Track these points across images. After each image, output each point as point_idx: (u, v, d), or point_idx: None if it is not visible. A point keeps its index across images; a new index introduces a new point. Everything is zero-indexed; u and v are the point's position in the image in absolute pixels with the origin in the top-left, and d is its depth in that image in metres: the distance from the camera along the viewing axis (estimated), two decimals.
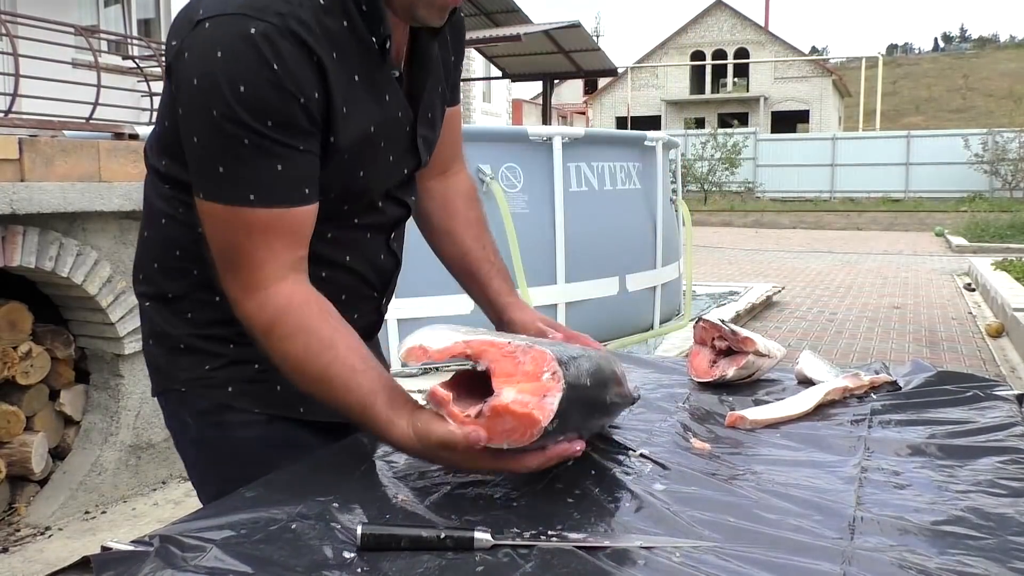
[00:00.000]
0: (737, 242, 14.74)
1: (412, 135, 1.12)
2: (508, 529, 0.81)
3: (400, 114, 1.08)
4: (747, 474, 0.99)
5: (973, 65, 60.73)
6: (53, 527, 2.84)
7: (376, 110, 1.04)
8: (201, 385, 1.12)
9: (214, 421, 1.12)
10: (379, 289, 1.21)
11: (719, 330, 1.40)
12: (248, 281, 0.96)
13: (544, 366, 0.85)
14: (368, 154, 1.05)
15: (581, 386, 0.89)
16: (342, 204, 1.08)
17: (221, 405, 1.12)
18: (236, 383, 1.11)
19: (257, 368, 1.09)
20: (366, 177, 1.07)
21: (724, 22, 35.62)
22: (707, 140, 24.01)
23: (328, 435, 1.12)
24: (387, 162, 1.09)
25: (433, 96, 1.15)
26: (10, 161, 2.62)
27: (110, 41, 10.12)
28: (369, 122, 1.03)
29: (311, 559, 0.75)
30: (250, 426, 1.11)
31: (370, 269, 1.17)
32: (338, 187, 1.04)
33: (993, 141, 22.30)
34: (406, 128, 1.10)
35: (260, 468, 1.03)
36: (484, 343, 0.86)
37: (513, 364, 0.85)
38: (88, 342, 3.08)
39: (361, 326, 1.15)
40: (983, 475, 0.97)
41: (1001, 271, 8.28)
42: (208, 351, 1.11)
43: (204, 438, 1.15)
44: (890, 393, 1.36)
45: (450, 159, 1.32)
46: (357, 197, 1.10)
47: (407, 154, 1.13)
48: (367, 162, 1.06)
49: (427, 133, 1.16)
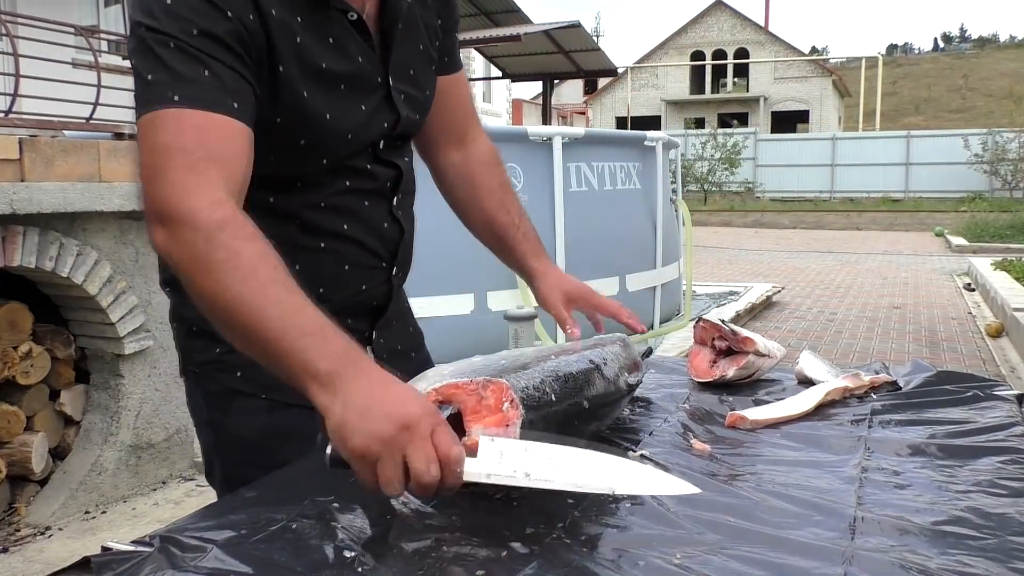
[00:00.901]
0: (737, 242, 14.74)
1: (386, 87, 1.11)
2: (508, 529, 0.81)
3: (362, 59, 1.08)
4: (747, 474, 0.99)
5: (973, 65, 60.73)
6: (53, 527, 2.84)
7: (329, 50, 1.03)
8: (213, 368, 1.13)
9: (223, 405, 1.13)
10: (386, 259, 1.20)
11: (719, 330, 1.40)
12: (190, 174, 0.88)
13: (503, 397, 0.89)
14: (330, 95, 1.04)
15: (547, 404, 0.93)
16: (320, 158, 1.07)
17: (230, 390, 1.12)
18: (245, 368, 1.10)
19: None
20: (334, 121, 1.05)
21: (724, 22, 35.62)
22: (707, 140, 24.02)
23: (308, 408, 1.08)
24: (359, 111, 1.08)
25: (409, 53, 1.15)
26: (10, 161, 2.62)
27: (110, 41, 10.11)
28: (320, 59, 1.02)
29: (311, 559, 0.75)
30: (256, 412, 1.11)
31: (373, 238, 1.16)
32: (307, 132, 1.03)
33: (993, 141, 22.31)
34: (376, 79, 1.10)
35: (264, 455, 1.05)
36: (450, 387, 0.90)
37: (477, 401, 0.89)
38: (88, 342, 3.08)
39: (372, 296, 1.19)
40: (983, 475, 0.97)
41: (1001, 271, 8.29)
42: (218, 334, 1.02)
43: (213, 421, 1.15)
44: (890, 393, 1.36)
45: (464, 127, 1.33)
46: (336, 149, 1.08)
47: (383, 107, 1.11)
48: (331, 104, 1.04)
49: (408, 89, 1.15)
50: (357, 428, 0.77)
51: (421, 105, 1.19)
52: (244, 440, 1.12)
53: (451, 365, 1.03)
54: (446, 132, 1.31)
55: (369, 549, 0.77)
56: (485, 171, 1.33)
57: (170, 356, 3.23)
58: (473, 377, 0.92)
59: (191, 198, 0.87)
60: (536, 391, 0.92)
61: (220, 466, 1.16)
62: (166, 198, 0.88)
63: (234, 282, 0.84)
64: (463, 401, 0.90)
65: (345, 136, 1.07)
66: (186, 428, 3.34)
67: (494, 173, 1.34)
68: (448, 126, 1.30)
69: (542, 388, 0.94)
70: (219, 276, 0.85)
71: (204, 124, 0.90)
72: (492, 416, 0.88)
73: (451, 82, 1.27)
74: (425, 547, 0.77)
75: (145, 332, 3.09)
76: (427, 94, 1.20)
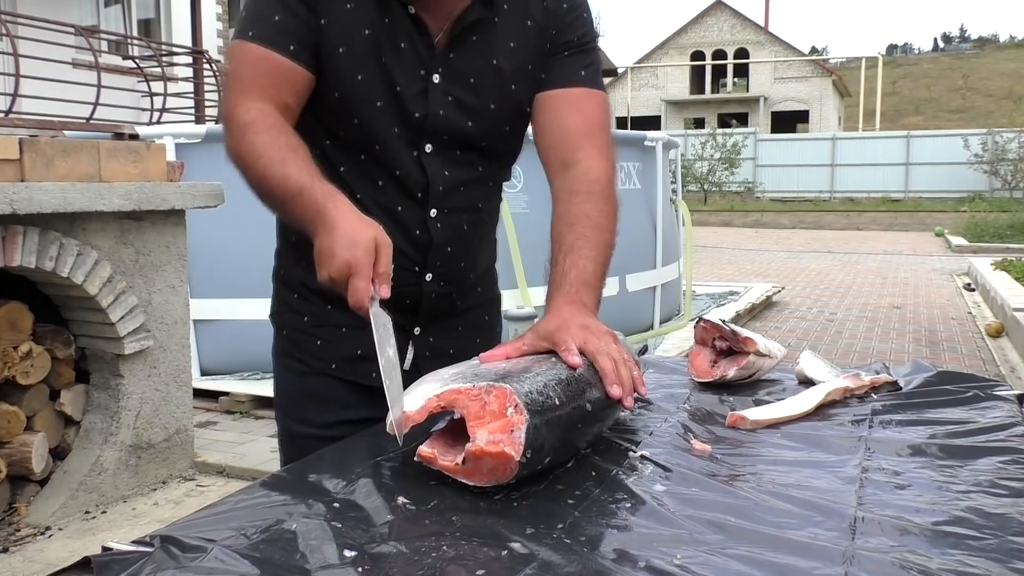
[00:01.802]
0: (737, 242, 14.74)
1: (427, 81, 1.18)
2: (508, 529, 0.81)
3: (404, 46, 1.17)
4: (747, 475, 0.99)
5: (973, 65, 60.72)
6: (53, 527, 2.84)
7: (379, 24, 1.16)
8: (274, 323, 1.36)
9: (276, 361, 1.36)
10: (418, 263, 1.24)
11: (720, 330, 1.40)
12: (241, 94, 1.13)
13: (507, 402, 0.89)
14: (366, 62, 1.16)
15: (551, 408, 0.92)
16: (352, 116, 1.18)
17: (279, 349, 1.35)
18: (290, 329, 1.32)
19: (307, 320, 1.29)
20: (364, 84, 1.17)
21: (724, 22, 35.61)
22: (707, 140, 24.01)
23: (358, 392, 1.27)
24: (393, 89, 1.17)
25: (475, 64, 1.20)
26: (10, 161, 2.62)
27: (110, 41, 10.12)
28: (363, 25, 1.16)
29: (311, 559, 0.75)
30: (292, 373, 1.32)
31: (404, 240, 1.21)
32: (340, 86, 1.17)
33: (993, 141, 22.31)
34: (419, 71, 1.18)
35: (298, 411, 1.32)
36: (452, 392, 0.91)
37: (481, 406, 0.89)
38: (88, 342, 3.08)
39: (404, 293, 1.23)
40: (984, 475, 0.97)
41: (1001, 271, 8.29)
42: (281, 293, 1.34)
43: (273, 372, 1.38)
44: (890, 393, 1.36)
45: (568, 150, 1.24)
46: (366, 114, 1.17)
47: (418, 98, 1.19)
48: (364, 68, 1.17)
49: (460, 94, 1.20)
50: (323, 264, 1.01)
51: (475, 113, 1.21)
52: (283, 395, 1.36)
53: (451, 369, 1.03)
54: (549, 154, 1.25)
55: (369, 549, 0.77)
56: (565, 198, 1.22)
57: (170, 356, 3.23)
58: (475, 382, 0.92)
59: (235, 109, 1.13)
60: (540, 395, 0.92)
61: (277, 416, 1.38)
62: (223, 110, 1.15)
63: (254, 163, 1.09)
64: (466, 407, 0.90)
65: (375, 103, 1.18)
66: (186, 428, 3.34)
67: (573, 202, 1.21)
68: (548, 147, 1.25)
69: (545, 392, 0.93)
70: (249, 161, 1.10)
71: (261, 58, 1.14)
72: (496, 421, 0.88)
73: (553, 100, 1.24)
74: (425, 547, 0.77)
75: (145, 332, 3.09)
76: (491, 107, 1.22)
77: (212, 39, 11.72)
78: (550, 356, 1.04)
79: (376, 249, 1.00)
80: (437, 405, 0.92)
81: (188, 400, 3.36)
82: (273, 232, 1.37)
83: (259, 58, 1.13)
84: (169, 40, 10.72)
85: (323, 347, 1.28)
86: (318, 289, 1.20)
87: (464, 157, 1.24)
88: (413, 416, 0.93)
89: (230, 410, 4.25)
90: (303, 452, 1.11)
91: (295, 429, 1.33)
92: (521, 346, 1.08)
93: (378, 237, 1.01)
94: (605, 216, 1.20)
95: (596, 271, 1.16)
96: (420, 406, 0.93)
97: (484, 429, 0.88)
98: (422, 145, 1.20)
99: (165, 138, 4.20)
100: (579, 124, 1.24)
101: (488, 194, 1.31)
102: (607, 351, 1.04)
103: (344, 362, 1.28)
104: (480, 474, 0.88)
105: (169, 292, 3.21)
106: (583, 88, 1.25)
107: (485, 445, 0.86)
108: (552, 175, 1.25)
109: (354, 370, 1.27)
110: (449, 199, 1.23)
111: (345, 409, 1.28)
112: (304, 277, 1.26)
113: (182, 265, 3.27)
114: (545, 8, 1.23)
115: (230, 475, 3.37)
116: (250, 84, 1.13)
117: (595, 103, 1.26)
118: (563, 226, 1.19)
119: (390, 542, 0.79)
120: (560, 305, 1.11)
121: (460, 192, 1.24)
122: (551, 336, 1.06)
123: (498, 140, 1.27)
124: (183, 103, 9.87)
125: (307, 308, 1.28)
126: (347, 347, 1.27)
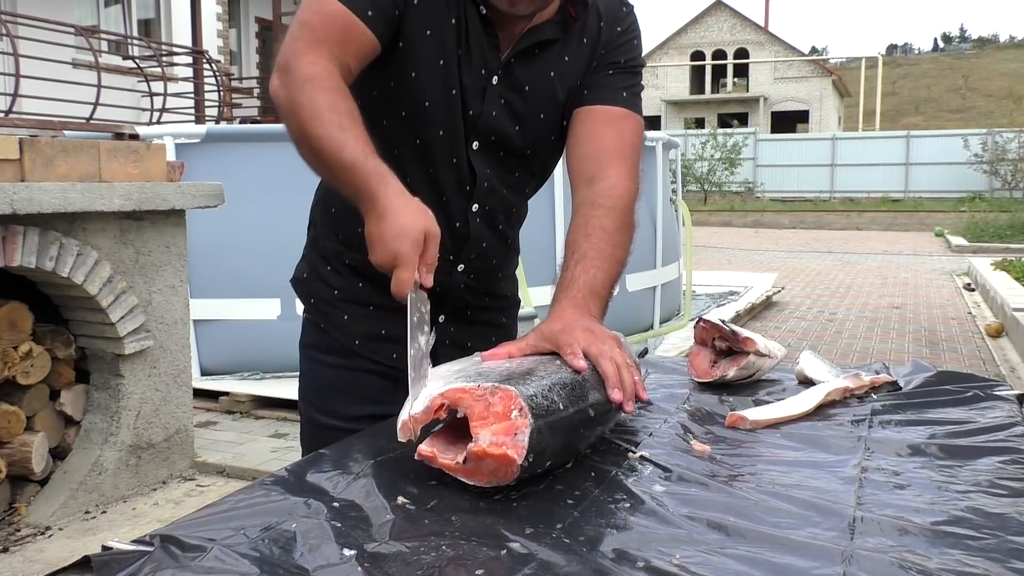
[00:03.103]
0: (737, 242, 14.74)
1: (486, 82, 1.22)
2: (508, 529, 0.81)
3: (475, 44, 1.20)
4: (747, 475, 0.99)
5: (973, 65, 60.69)
6: (53, 527, 2.84)
7: (445, 24, 1.18)
8: (298, 289, 1.38)
9: (304, 353, 1.39)
10: (453, 252, 1.28)
11: (719, 330, 1.40)
12: (309, 43, 1.11)
13: (511, 404, 0.88)
14: (444, 49, 1.19)
15: (554, 411, 0.91)
16: (401, 109, 1.20)
17: (305, 317, 1.38)
18: (318, 299, 1.35)
19: (336, 293, 1.32)
20: (418, 80, 1.19)
21: (724, 22, 35.61)
22: (707, 140, 24.00)
23: (385, 388, 1.29)
24: (459, 81, 1.20)
25: (534, 73, 1.24)
26: (10, 161, 2.62)
27: (110, 41, 10.12)
28: (447, 16, 1.18)
29: (311, 559, 0.75)
30: (321, 365, 1.35)
31: (445, 230, 1.18)
32: (416, 68, 1.19)
33: (993, 141, 22.31)
34: (480, 70, 1.21)
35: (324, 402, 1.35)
36: (457, 391, 0.91)
37: (485, 407, 0.89)
38: (88, 342, 3.08)
39: None
40: (983, 475, 0.97)
41: (1001, 271, 8.29)
42: (313, 261, 1.37)
43: (300, 363, 1.40)
44: (890, 393, 1.36)
45: (595, 166, 1.25)
46: (413, 109, 1.20)
47: (473, 96, 1.22)
48: (422, 63, 1.19)
49: (514, 100, 1.24)
50: (372, 249, 1.03)
51: (523, 120, 1.25)
52: (314, 384, 1.38)
53: (453, 366, 1.03)
54: (578, 163, 1.27)
55: (369, 549, 0.77)
56: (587, 210, 1.23)
57: (170, 356, 3.23)
58: (480, 382, 0.91)
59: (299, 57, 1.10)
60: (544, 399, 0.91)
61: (302, 397, 1.40)
62: (284, 54, 1.12)
63: (309, 120, 1.07)
64: (470, 406, 0.89)
65: (444, 92, 1.20)
66: (186, 428, 3.34)
67: (593, 214, 1.22)
68: (579, 156, 1.27)
69: (550, 396, 0.92)
70: (302, 115, 1.07)
71: (337, 14, 1.13)
72: (500, 423, 0.87)
73: (592, 115, 1.27)
74: (425, 547, 0.77)
75: (145, 332, 3.10)
76: (539, 116, 1.26)
77: (212, 39, 11.72)
78: (554, 358, 1.04)
79: (425, 239, 1.01)
80: (441, 404, 0.91)
81: (188, 400, 3.36)
82: (273, 232, 1.39)
83: (335, 13, 1.13)
84: (169, 40, 10.72)
85: (349, 322, 1.32)
86: (351, 264, 1.30)
87: (507, 161, 1.28)
88: (419, 417, 0.93)
89: (230, 410, 4.25)
90: (327, 443, 1.12)
91: (320, 420, 1.36)
92: (524, 346, 1.08)
93: (428, 228, 1.02)
94: (621, 233, 1.23)
95: (605, 282, 1.18)
96: (425, 406, 0.92)
97: (487, 430, 0.87)
98: (471, 142, 1.24)
99: (165, 138, 4.19)
100: (613, 142, 1.26)
101: (521, 202, 1.36)
102: (610, 355, 1.04)
103: (367, 339, 1.31)
104: (481, 474, 0.88)
105: (169, 292, 3.22)
106: (623, 109, 1.28)
107: (488, 446, 0.86)
108: (577, 185, 1.27)
109: (375, 349, 1.31)
110: (490, 198, 1.28)
111: (372, 404, 1.30)
112: (339, 250, 1.31)
113: (182, 265, 3.27)
114: (601, 28, 1.28)
115: (230, 475, 3.37)
116: (321, 37, 1.12)
117: (631, 125, 1.29)
118: (580, 235, 1.20)
119: (389, 542, 0.79)
120: (565, 308, 1.12)
121: (502, 193, 1.29)
122: (555, 338, 1.07)
123: (541, 149, 1.31)
124: (183, 103, 9.87)
125: (338, 281, 1.32)
126: (372, 325, 1.31)
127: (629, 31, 1.31)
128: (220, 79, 9.70)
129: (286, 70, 1.10)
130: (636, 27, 1.32)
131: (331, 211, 1.33)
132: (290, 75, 1.09)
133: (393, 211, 1.01)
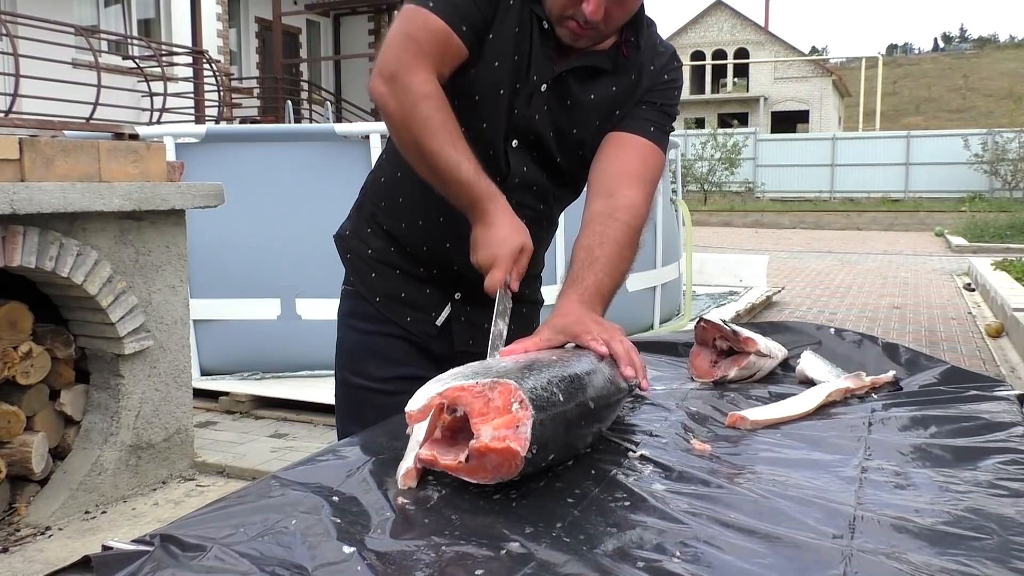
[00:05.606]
0: (737, 242, 14.73)
1: (534, 88, 1.32)
2: (508, 529, 0.81)
3: (531, 55, 1.31)
4: (747, 474, 0.99)
5: (973, 65, 60.67)
6: (53, 527, 2.84)
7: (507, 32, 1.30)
8: (339, 245, 1.53)
9: (341, 320, 1.51)
10: None
11: (720, 330, 1.40)
12: (417, 58, 1.23)
13: (511, 398, 0.88)
14: (485, 57, 1.30)
15: (554, 403, 0.92)
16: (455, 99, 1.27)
17: (344, 288, 1.51)
18: (353, 255, 1.49)
19: (370, 253, 1.46)
20: (476, 76, 1.30)
21: (724, 22, 35.61)
22: (707, 140, 23.99)
23: (412, 353, 1.45)
24: (497, 85, 1.31)
25: (582, 91, 1.34)
26: (10, 161, 2.62)
27: (110, 41, 10.12)
28: (491, 32, 1.29)
29: (311, 558, 0.75)
30: (355, 331, 1.48)
31: None
32: (476, 63, 1.29)
33: (993, 141, 22.30)
34: (533, 77, 1.32)
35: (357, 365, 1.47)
36: (455, 389, 0.91)
37: (484, 403, 0.89)
38: (88, 342, 3.08)
39: (449, 259, 1.42)
40: (984, 475, 0.97)
41: (1001, 271, 8.29)
42: (357, 221, 1.50)
43: (338, 331, 1.53)
44: (891, 393, 1.36)
45: (615, 185, 1.33)
46: (466, 104, 1.29)
47: (522, 100, 1.33)
48: (481, 63, 1.30)
49: (556, 109, 1.34)
50: (475, 251, 1.25)
51: (560, 131, 1.36)
52: (348, 348, 1.51)
53: (450, 371, 1.03)
54: (599, 177, 1.35)
55: (368, 548, 0.77)
56: (602, 219, 1.30)
57: (170, 356, 3.23)
58: (477, 379, 0.91)
59: (412, 72, 1.22)
60: (544, 391, 0.91)
61: (337, 361, 1.52)
62: (391, 64, 1.22)
63: (427, 137, 1.21)
64: (469, 404, 0.89)
65: (498, 89, 1.31)
66: (186, 428, 3.34)
67: (608, 224, 1.29)
68: (601, 171, 1.35)
69: (549, 389, 0.93)
70: (418, 129, 1.21)
71: (437, 29, 1.24)
72: (501, 417, 0.87)
73: (621, 139, 1.36)
74: (425, 547, 0.77)
75: (145, 332, 3.09)
76: (574, 131, 1.36)
77: (212, 39, 11.73)
78: (553, 352, 1.06)
79: (520, 252, 1.23)
80: (440, 403, 0.91)
81: (188, 400, 3.36)
82: (273, 232, 1.42)
83: (436, 29, 1.24)
84: (169, 40, 10.72)
85: (375, 280, 1.46)
86: (388, 230, 1.45)
87: (540, 163, 1.38)
88: (416, 416, 0.92)
89: (230, 410, 4.25)
90: (359, 400, 1.46)
91: (352, 381, 1.49)
92: (539, 341, 1.14)
93: (525, 243, 1.25)
94: (630, 249, 1.31)
95: (611, 288, 1.27)
96: (423, 405, 0.92)
97: (488, 425, 0.87)
98: (511, 139, 1.35)
99: (165, 138, 4.19)
100: (636, 166, 1.35)
101: (548, 206, 1.46)
102: (620, 339, 1.15)
103: (387, 299, 1.46)
104: (484, 471, 0.87)
105: (169, 292, 3.22)
106: (650, 142, 1.37)
107: (490, 441, 0.85)
108: (594, 195, 1.34)
109: (393, 309, 1.46)
110: (521, 194, 1.37)
111: (399, 365, 1.45)
112: (381, 216, 1.46)
113: (182, 265, 3.27)
114: (651, 71, 1.38)
115: (230, 475, 3.37)
116: (427, 52, 1.23)
117: (655, 159, 1.38)
118: (593, 241, 1.28)
119: (389, 541, 0.79)
120: (573, 302, 1.21)
121: (531, 191, 1.40)
122: (569, 329, 1.16)
123: (572, 163, 1.40)
124: (183, 103, 9.88)
125: (375, 243, 1.46)
126: (395, 287, 1.46)
127: (673, 82, 1.42)
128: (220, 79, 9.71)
129: (396, 81, 1.21)
130: (680, 80, 1.43)
131: (380, 180, 1.48)
132: (404, 89, 1.21)
133: (499, 224, 1.22)
